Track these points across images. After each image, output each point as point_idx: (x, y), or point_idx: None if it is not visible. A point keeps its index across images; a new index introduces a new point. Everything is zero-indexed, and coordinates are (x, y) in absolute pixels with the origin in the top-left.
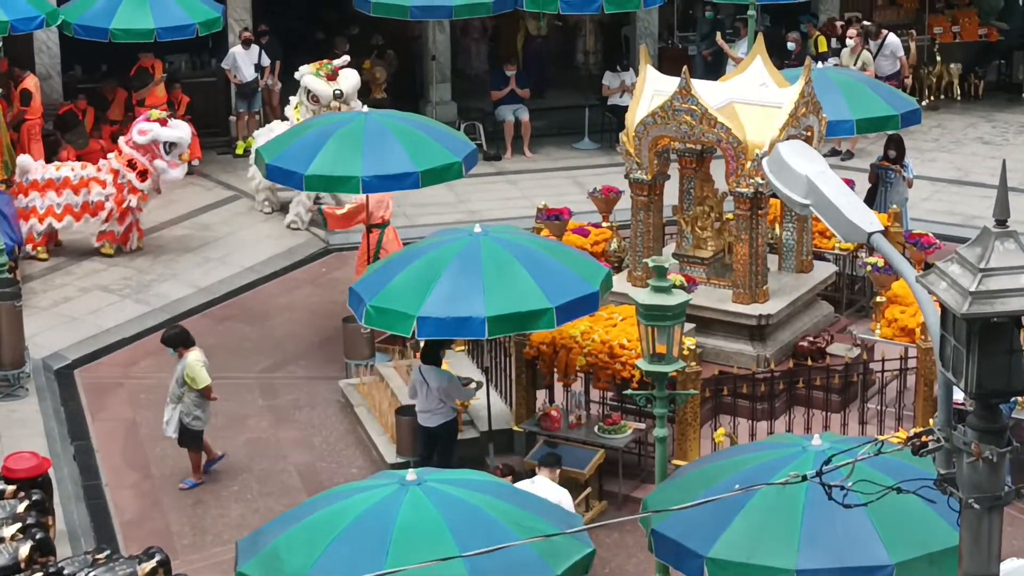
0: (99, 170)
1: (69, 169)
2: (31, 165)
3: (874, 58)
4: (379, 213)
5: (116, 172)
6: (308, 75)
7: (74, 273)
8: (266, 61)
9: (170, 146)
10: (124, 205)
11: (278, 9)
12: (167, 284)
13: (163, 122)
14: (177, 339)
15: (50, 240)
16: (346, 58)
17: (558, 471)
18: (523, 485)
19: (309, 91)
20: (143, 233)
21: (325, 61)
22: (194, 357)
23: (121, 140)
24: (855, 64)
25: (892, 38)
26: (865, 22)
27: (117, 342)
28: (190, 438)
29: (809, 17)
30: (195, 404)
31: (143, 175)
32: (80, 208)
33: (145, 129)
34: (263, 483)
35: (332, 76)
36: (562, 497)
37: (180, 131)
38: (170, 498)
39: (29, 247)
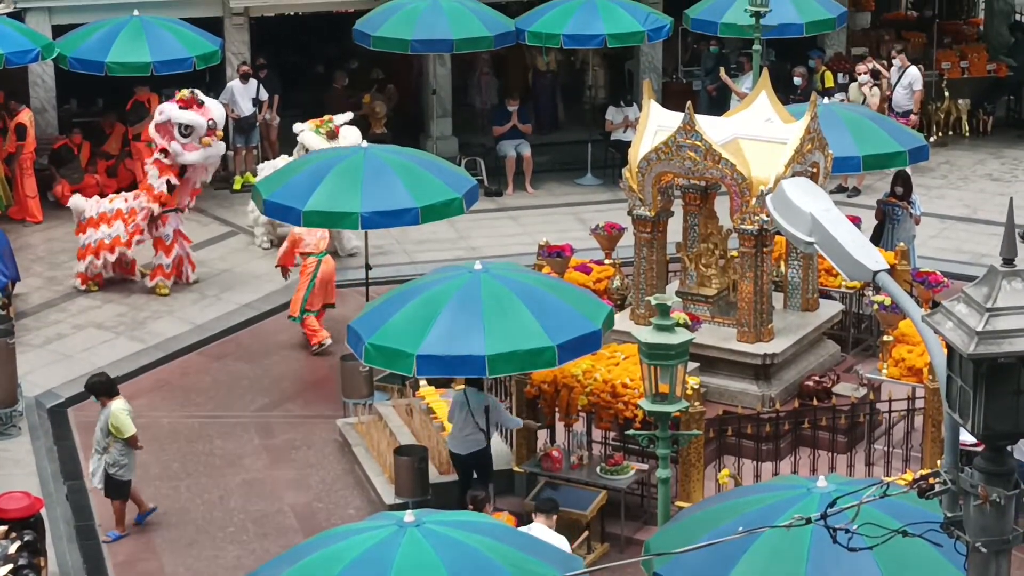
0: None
1: (122, 200)
2: (84, 204)
3: (892, 89)
4: (311, 242)
5: (150, 188)
6: (308, 132)
7: (68, 310)
8: (264, 95)
9: (186, 128)
10: (148, 215)
11: (277, 43)
12: (162, 321)
13: (185, 102)
14: (100, 387)
15: (119, 270)
16: (348, 115)
17: (555, 517)
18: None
19: (307, 149)
20: (195, 265)
21: (327, 118)
22: (118, 406)
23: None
24: (863, 100)
25: (913, 70)
26: (897, 55)
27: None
28: (115, 489)
29: (817, 52)
30: (121, 454)
31: (164, 153)
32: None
33: (161, 109)
34: (259, 524)
35: (333, 135)
36: (559, 544)
37: (198, 115)
38: (164, 540)
39: (80, 283)
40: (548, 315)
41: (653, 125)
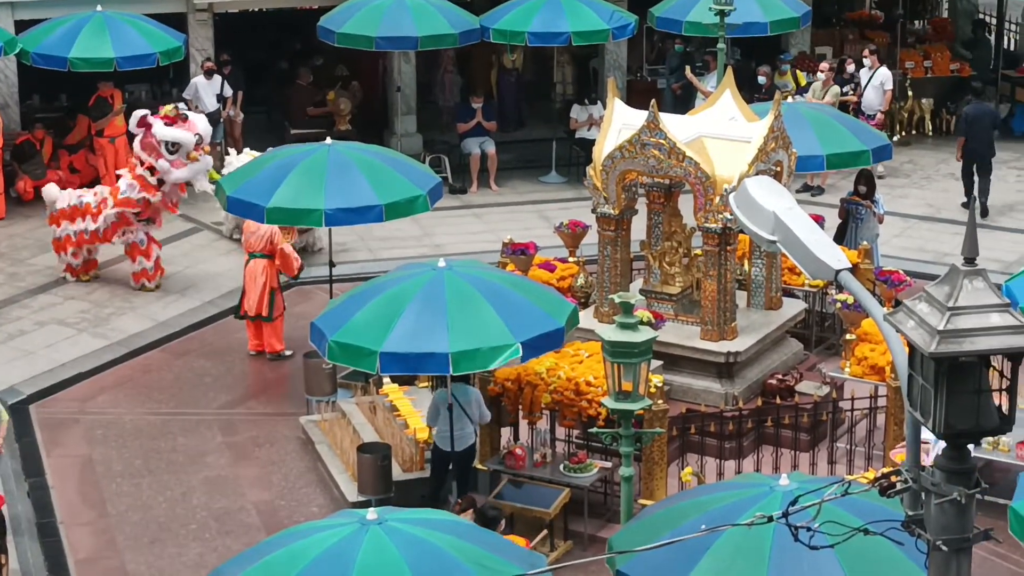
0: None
1: (92, 195)
2: (57, 194)
3: (864, 89)
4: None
5: (116, 190)
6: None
7: (30, 307)
8: (228, 92)
9: (173, 145)
10: (127, 224)
11: (241, 39)
12: (125, 318)
13: (170, 119)
14: None
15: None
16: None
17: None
18: None
19: None
20: (163, 271)
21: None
22: None
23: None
24: (824, 97)
25: (884, 70)
26: (869, 55)
27: (74, 377)
28: None
29: (789, 55)
30: None
31: (152, 171)
32: (99, 234)
33: (146, 123)
34: (221, 521)
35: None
36: None
37: (184, 131)
38: (126, 537)
39: (70, 276)
40: (512, 313)
41: (617, 123)
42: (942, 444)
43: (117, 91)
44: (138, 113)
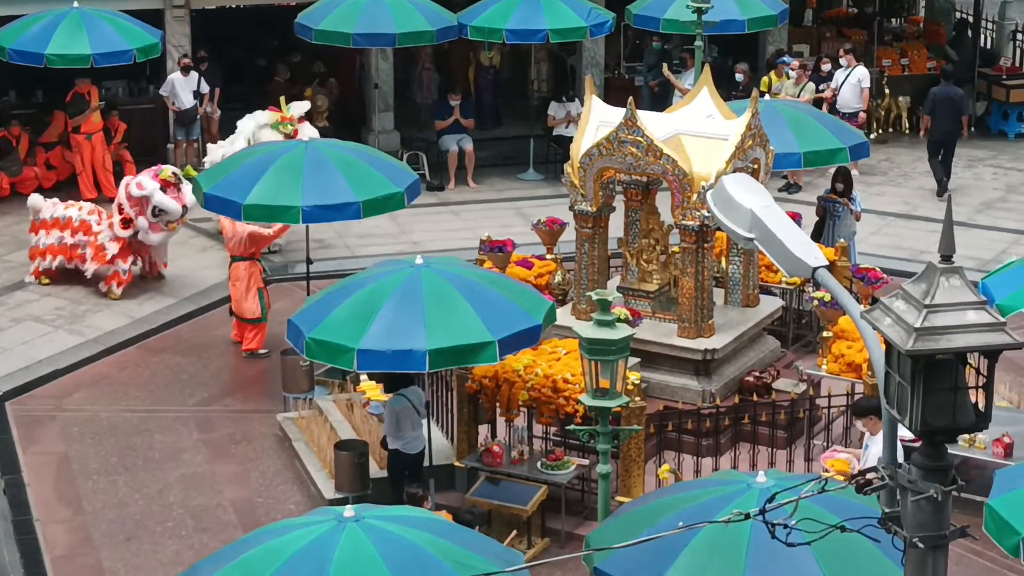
0: (98, 215)
1: (76, 209)
2: (42, 204)
3: (840, 87)
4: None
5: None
6: (267, 128)
7: (6, 303)
8: (205, 88)
9: (160, 211)
10: (103, 253)
11: (218, 35)
12: (101, 315)
13: (168, 184)
14: None
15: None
16: (306, 104)
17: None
18: None
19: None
20: (163, 265)
21: (290, 117)
22: None
23: (122, 183)
24: (799, 95)
25: (861, 68)
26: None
27: (50, 374)
28: None
29: (789, 59)
30: None
31: (126, 223)
32: (71, 250)
33: (144, 184)
34: (198, 519)
35: (291, 138)
36: None
37: (176, 203)
38: (102, 534)
39: (33, 279)
40: (489, 310)
41: (595, 121)
42: (874, 452)
43: (94, 88)
44: (147, 173)
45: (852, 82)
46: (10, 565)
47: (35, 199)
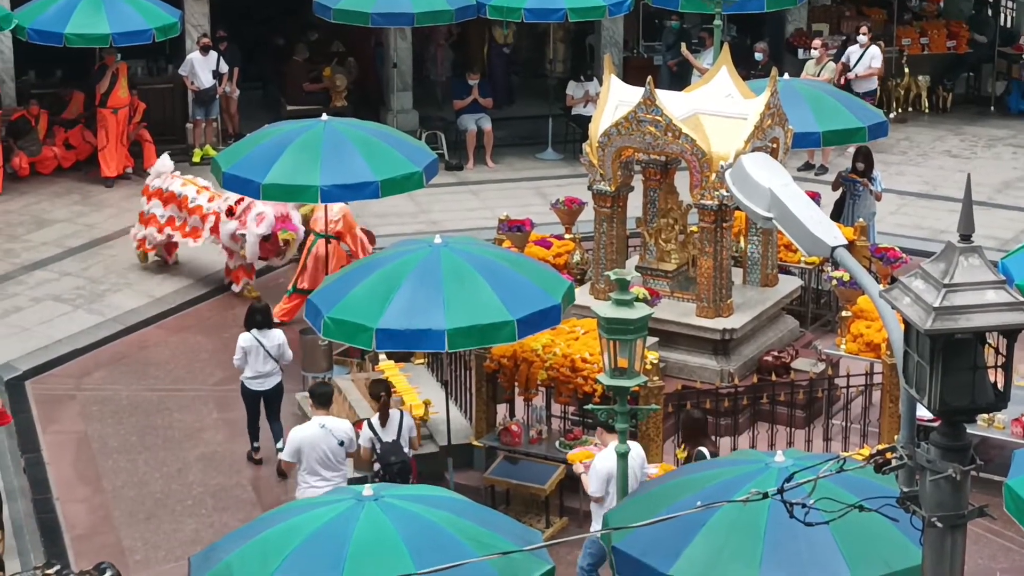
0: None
1: (194, 190)
2: (167, 167)
3: (855, 65)
4: (318, 217)
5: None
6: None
7: (26, 283)
8: (224, 68)
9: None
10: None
11: (237, 15)
12: (121, 294)
13: (293, 228)
14: None
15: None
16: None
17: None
18: (308, 426)
19: None
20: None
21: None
22: None
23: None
24: (819, 74)
25: (874, 48)
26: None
27: (69, 353)
28: None
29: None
30: None
31: (230, 213)
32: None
33: (266, 217)
34: (217, 497)
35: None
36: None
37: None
38: (122, 512)
39: (140, 251)
40: (508, 290)
41: (614, 100)
42: (599, 467)
43: (123, 64)
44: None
45: (864, 63)
46: (30, 544)
47: (163, 161)
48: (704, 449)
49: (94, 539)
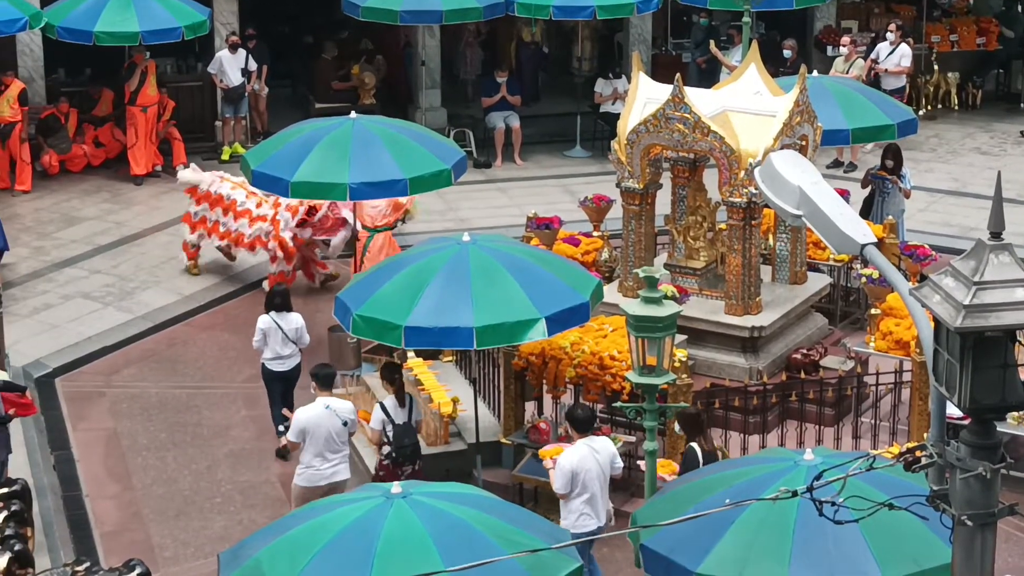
0: (259, 206)
1: (244, 194)
2: (194, 179)
3: (883, 63)
4: (371, 215)
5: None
6: None
7: (55, 280)
8: (253, 66)
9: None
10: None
11: (266, 13)
12: (150, 292)
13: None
14: None
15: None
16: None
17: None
18: (312, 407)
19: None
20: (325, 266)
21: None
22: None
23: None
24: (847, 71)
25: (904, 47)
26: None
27: (99, 350)
28: None
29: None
30: None
31: (303, 224)
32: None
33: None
34: (246, 495)
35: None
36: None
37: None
38: (151, 510)
39: (187, 259)
40: (536, 287)
41: (642, 97)
42: (562, 463)
43: (151, 61)
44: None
45: (894, 60)
46: (60, 541)
47: (186, 175)
48: (695, 445)
49: (123, 536)
